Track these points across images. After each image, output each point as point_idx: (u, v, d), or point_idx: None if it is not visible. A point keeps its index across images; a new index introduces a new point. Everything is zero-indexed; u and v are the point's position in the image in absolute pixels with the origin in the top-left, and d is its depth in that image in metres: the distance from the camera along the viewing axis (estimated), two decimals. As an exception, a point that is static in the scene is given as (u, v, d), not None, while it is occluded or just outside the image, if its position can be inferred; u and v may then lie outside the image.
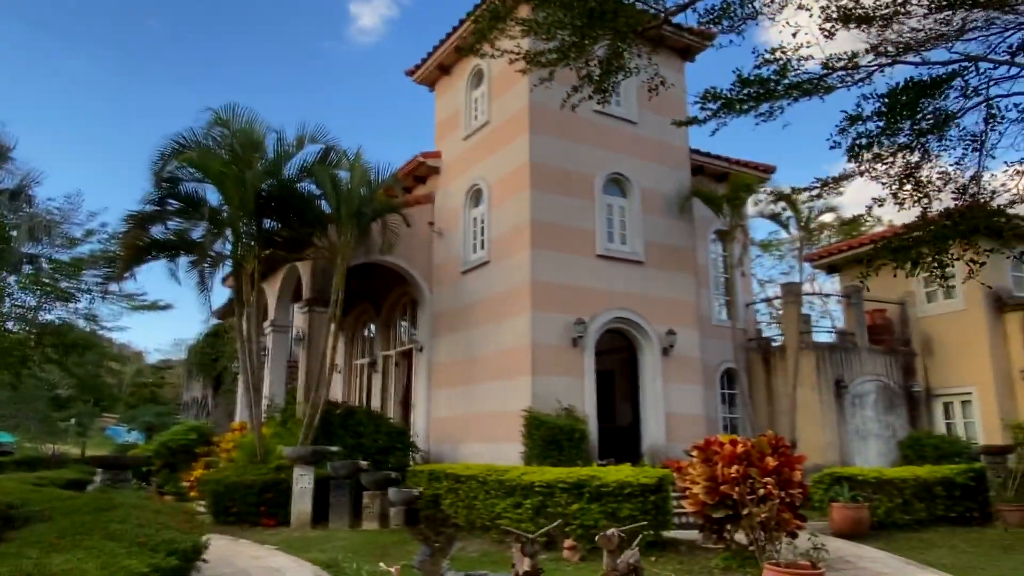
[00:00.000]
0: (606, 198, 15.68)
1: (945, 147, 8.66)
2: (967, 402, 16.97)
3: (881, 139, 8.48)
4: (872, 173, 9.41)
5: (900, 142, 8.42)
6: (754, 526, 8.25)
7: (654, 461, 14.32)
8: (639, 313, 15.36)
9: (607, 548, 5.50)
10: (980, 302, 16.84)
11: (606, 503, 9.90)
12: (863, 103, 8.30)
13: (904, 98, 7.42)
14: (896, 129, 8.08)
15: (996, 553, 10.02)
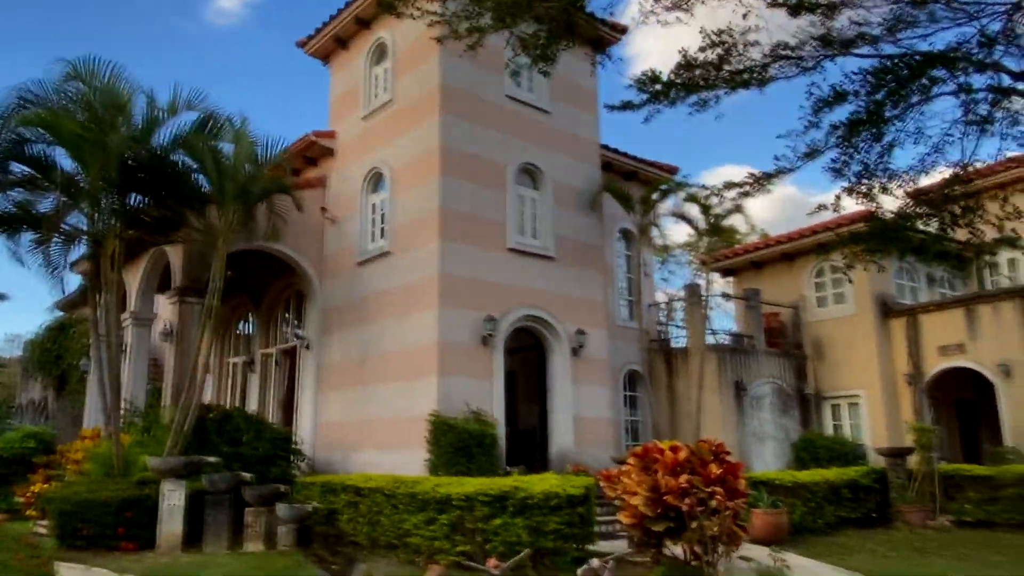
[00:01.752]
0: (518, 189, 14.84)
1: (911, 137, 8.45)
2: (854, 404, 17.52)
3: (856, 127, 8.13)
4: (836, 167, 9.06)
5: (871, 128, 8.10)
6: (702, 540, 7.61)
7: (562, 467, 13.60)
8: (550, 311, 14.62)
9: (592, 584, 4.58)
10: (868, 308, 17.44)
11: (531, 517, 8.98)
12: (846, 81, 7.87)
13: (897, 76, 7.07)
14: (877, 113, 7.76)
15: (914, 556, 10.00)
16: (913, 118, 7.99)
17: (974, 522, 12.16)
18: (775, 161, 10.48)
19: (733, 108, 62.90)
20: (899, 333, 17.02)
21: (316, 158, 17.10)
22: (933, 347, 16.35)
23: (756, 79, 9.79)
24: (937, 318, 16.40)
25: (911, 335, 16.78)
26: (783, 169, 10.41)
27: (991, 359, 15.23)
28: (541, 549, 8.94)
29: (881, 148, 8.41)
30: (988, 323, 15.45)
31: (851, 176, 8.81)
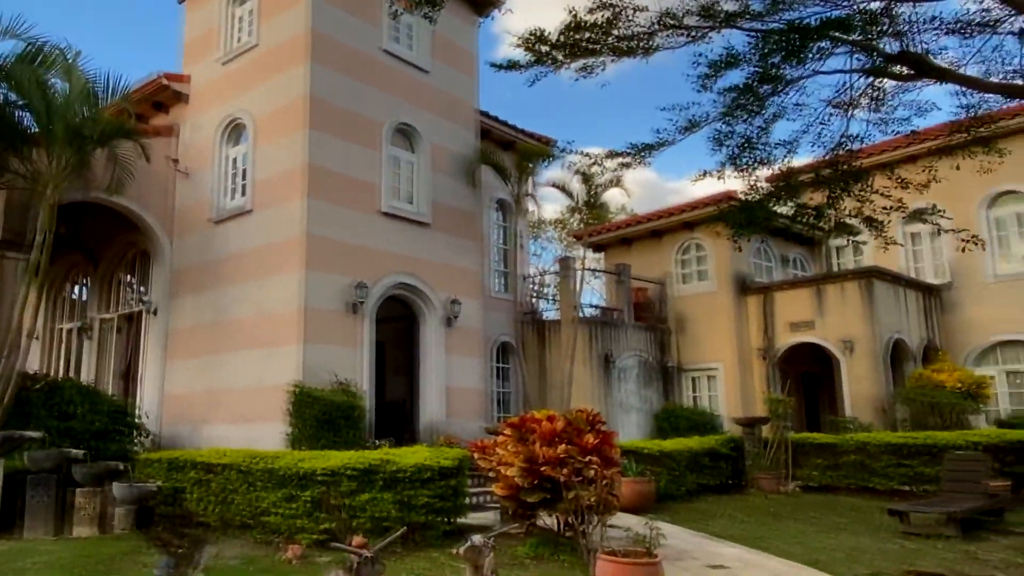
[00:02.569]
0: (393, 150, 14.10)
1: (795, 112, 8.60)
2: (712, 377, 18.31)
3: (742, 94, 8.13)
4: (718, 137, 9.07)
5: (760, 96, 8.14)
6: (576, 510, 7.47)
7: (432, 439, 13.20)
8: (423, 279, 14.08)
9: (475, 563, 4.20)
10: (727, 285, 18.21)
11: (401, 491, 8.55)
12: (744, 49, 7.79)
13: (792, 39, 7.06)
14: (765, 79, 7.76)
15: (769, 520, 10.46)
16: (792, 92, 8.18)
17: (818, 487, 13.00)
18: (656, 134, 10.51)
19: (616, 90, 64.26)
20: (755, 310, 17.91)
21: (166, 104, 15.45)
22: (785, 323, 17.33)
23: (642, 47, 9.69)
24: (789, 296, 17.38)
25: (765, 312, 17.71)
26: (664, 141, 10.43)
27: (836, 335, 16.34)
28: (411, 524, 8.53)
29: (763, 121, 8.55)
30: (834, 302, 16.54)
31: (733, 148, 8.93)
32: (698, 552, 8.35)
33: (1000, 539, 8.62)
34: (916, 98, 9.00)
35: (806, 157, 9.65)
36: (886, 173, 10.05)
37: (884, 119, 8.91)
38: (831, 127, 8.51)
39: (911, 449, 12.08)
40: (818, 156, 9.15)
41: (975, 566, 7.21)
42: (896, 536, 8.99)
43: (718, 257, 18.48)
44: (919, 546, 8.35)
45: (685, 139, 10.19)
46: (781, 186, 9.69)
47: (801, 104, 8.31)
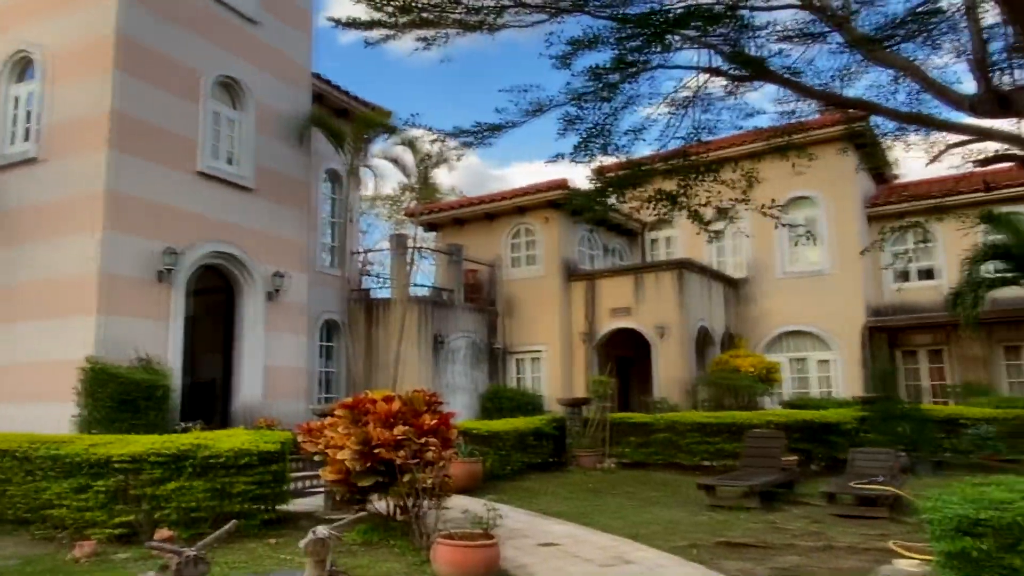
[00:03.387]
0: (215, 105, 12.85)
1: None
2: (537, 359, 18.76)
3: (598, 79, 8.12)
4: (570, 119, 9.04)
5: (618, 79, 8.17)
6: (412, 493, 7.21)
7: (248, 421, 12.30)
8: (244, 249, 13.01)
9: (318, 557, 3.78)
10: (555, 271, 18.71)
11: (215, 478, 7.82)
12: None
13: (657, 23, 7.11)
14: (624, 63, 7.79)
15: (591, 497, 10.85)
16: (642, 82, 8.40)
17: (633, 463, 13.71)
18: (497, 114, 10.40)
19: (459, 69, 63.69)
20: (579, 295, 18.56)
21: (-71, 25, 12.97)
22: (606, 309, 18.13)
23: (489, 24, 9.52)
24: (611, 284, 18.19)
25: (589, 298, 18.41)
26: (509, 123, 10.36)
27: (651, 322, 17.34)
28: (225, 514, 7.83)
29: (611, 108, 8.70)
30: (651, 291, 17.54)
31: (582, 132, 9.02)
32: (529, 530, 8.42)
33: (794, 509, 9.54)
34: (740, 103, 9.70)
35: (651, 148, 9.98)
36: (712, 170, 10.67)
37: (713, 120, 9.43)
38: (676, 121, 8.86)
39: (715, 427, 13.08)
40: (657, 148, 9.52)
41: (776, 535, 7.87)
42: (705, 509, 9.65)
43: (548, 243, 18.92)
44: (726, 517, 9.01)
45: (529, 121, 10.21)
46: (626, 174, 9.97)
47: (647, 95, 8.58)
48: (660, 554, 7.14)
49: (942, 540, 4.50)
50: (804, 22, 8.15)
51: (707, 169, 9.87)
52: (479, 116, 57.27)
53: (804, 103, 8.85)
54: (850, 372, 18.63)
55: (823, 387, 19.04)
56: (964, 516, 4.46)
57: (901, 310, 19.33)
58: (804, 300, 19.16)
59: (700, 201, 10.04)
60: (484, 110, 73.87)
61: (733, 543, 7.46)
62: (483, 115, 59.25)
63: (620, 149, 9.20)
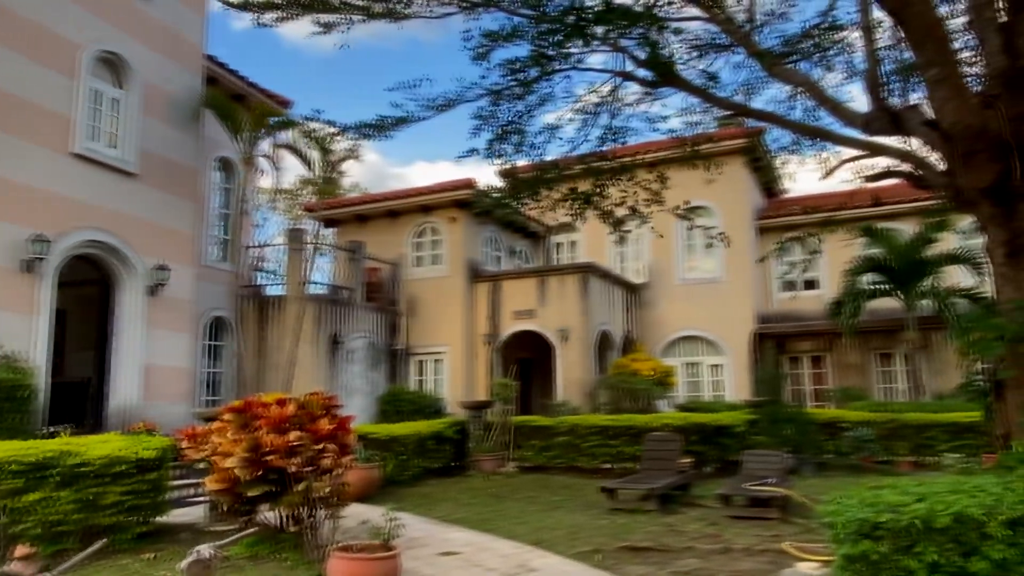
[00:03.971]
0: (94, 82, 11.84)
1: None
2: (439, 360, 18.45)
3: (515, 74, 7.90)
4: (483, 115, 8.79)
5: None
6: (306, 502, 6.79)
7: (124, 425, 11.40)
8: (125, 238, 12.04)
9: (200, 580, 3.38)
10: (460, 271, 18.48)
11: (84, 488, 7.13)
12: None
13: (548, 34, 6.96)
14: (542, 57, 7.59)
15: (492, 502, 10.66)
16: (557, 81, 8.31)
17: (534, 467, 13.65)
18: (393, 107, 10.09)
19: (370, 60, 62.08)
20: (483, 297, 18.40)
21: None
22: (509, 311, 18.05)
23: (393, 11, 9.21)
24: (516, 286, 18.14)
25: (493, 299, 18.28)
26: (412, 117, 10.05)
27: (554, 325, 17.41)
28: (95, 527, 7.17)
29: (525, 107, 8.57)
30: (554, 293, 17.61)
31: (496, 129, 8.82)
32: (428, 539, 8.14)
33: (690, 511, 9.69)
34: (648, 111, 9.82)
35: (562, 150, 9.91)
36: (626, 171, 10.75)
37: (623, 126, 9.49)
38: (589, 124, 8.83)
39: (615, 431, 13.21)
40: (568, 151, 9.48)
41: (676, 538, 7.95)
42: (606, 512, 9.66)
43: (453, 243, 18.67)
44: (627, 521, 9.05)
45: (434, 117, 9.92)
46: (540, 175, 9.86)
47: (561, 96, 8.51)
48: (564, 560, 7.04)
49: (844, 543, 4.58)
50: (712, 33, 8.32)
51: (620, 171, 9.93)
52: (378, 111, 56.23)
53: (708, 114, 9.05)
54: (739, 376, 19.38)
55: (714, 391, 19.73)
56: (864, 520, 4.55)
57: (786, 318, 20.31)
58: (699, 306, 19.80)
59: (615, 201, 10.09)
60: (382, 106, 72.55)
61: (635, 547, 7.46)
62: (381, 110, 58.25)
63: (535, 148, 9.10)
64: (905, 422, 13.84)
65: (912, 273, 16.83)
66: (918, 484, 5.26)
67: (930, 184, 7.28)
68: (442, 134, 74.82)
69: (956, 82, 5.88)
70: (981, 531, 4.56)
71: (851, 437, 13.70)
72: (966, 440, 13.17)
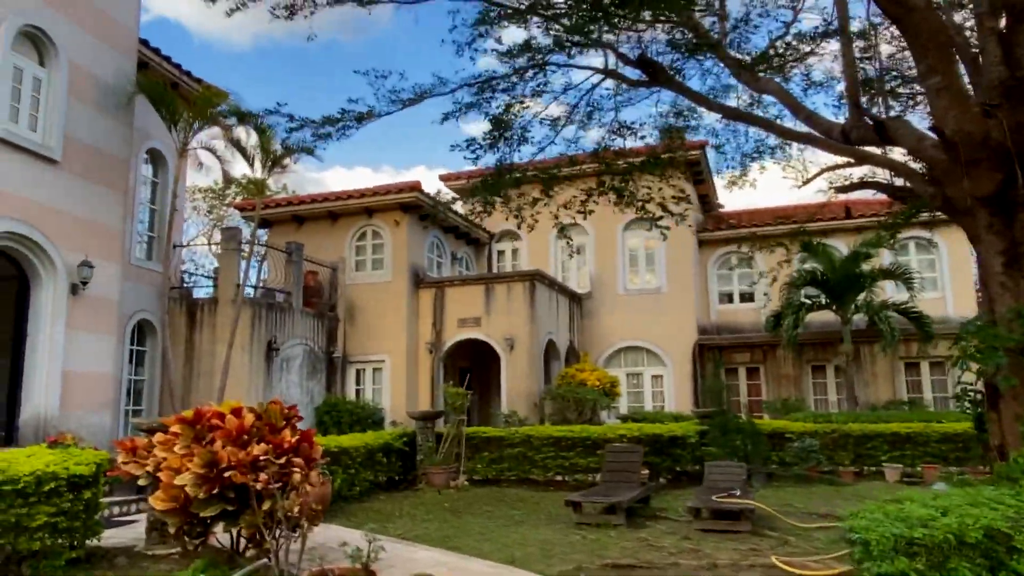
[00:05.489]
0: (15, 58, 10.73)
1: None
2: (379, 369, 17.74)
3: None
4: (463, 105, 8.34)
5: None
6: (272, 522, 6.13)
7: (39, 437, 10.31)
8: (43, 231, 10.94)
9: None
10: (403, 276, 17.86)
11: (8, 508, 6.28)
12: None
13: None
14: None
15: (449, 517, 10.15)
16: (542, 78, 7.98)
17: (485, 480, 13.18)
18: (350, 102, 9.58)
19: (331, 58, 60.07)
20: (427, 304, 17.84)
21: None
22: (454, 319, 17.56)
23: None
24: (461, 292, 17.67)
25: (437, 306, 17.75)
26: (376, 112, 9.54)
27: (500, 333, 17.01)
28: (20, 553, 6.33)
29: (510, 99, 8.19)
30: (501, 301, 17.23)
31: (484, 113, 8.40)
32: (392, 559, 7.54)
33: (658, 524, 9.46)
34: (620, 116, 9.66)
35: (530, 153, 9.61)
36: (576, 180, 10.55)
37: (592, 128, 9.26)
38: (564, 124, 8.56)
39: (569, 442, 12.91)
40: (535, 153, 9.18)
41: (655, 553, 7.67)
42: (573, 527, 9.31)
43: (396, 247, 18.04)
44: (597, 536, 8.71)
45: (398, 111, 9.45)
46: (509, 177, 9.50)
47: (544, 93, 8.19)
48: (548, 581, 6.65)
49: (878, 560, 4.38)
50: (688, 38, 8.18)
51: (574, 177, 9.73)
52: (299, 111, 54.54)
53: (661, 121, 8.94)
54: (681, 387, 19.50)
55: (656, 401, 19.79)
56: (899, 535, 4.37)
57: (724, 329, 20.62)
58: (641, 317, 19.84)
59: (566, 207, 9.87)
60: (302, 105, 70.80)
61: (618, 564, 7.14)
62: (302, 110, 56.58)
63: (521, 143, 8.74)
64: (847, 432, 14.12)
65: (848, 287, 17.35)
66: (934, 497, 5.15)
67: (912, 194, 7.32)
68: (361, 140, 73.48)
69: (958, 91, 5.88)
70: (1008, 544, 4.46)
71: (797, 447, 13.86)
72: (906, 450, 13.56)
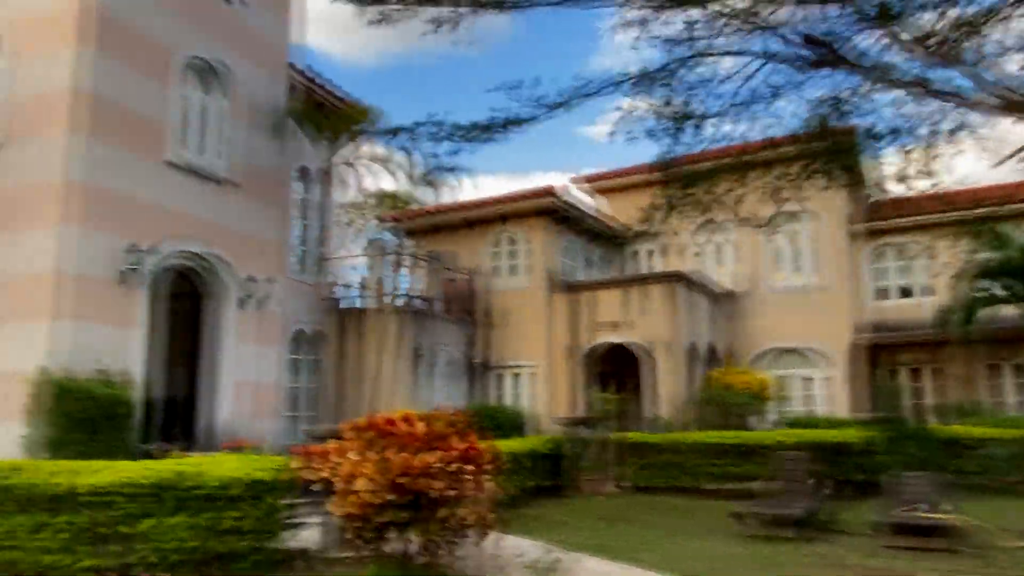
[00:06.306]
0: (186, 89, 11.59)
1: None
2: (518, 375, 17.78)
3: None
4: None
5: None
6: (448, 530, 6.17)
7: (215, 444, 11.02)
8: (218, 250, 11.73)
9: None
10: (541, 282, 17.81)
11: (198, 512, 6.63)
12: None
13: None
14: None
15: (604, 525, 9.95)
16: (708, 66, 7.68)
17: (635, 487, 12.85)
18: (492, 111, 9.62)
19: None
20: (565, 308, 17.68)
21: None
22: (594, 323, 17.29)
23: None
24: (601, 296, 17.38)
25: (575, 311, 17.55)
26: (521, 118, 9.53)
27: (643, 336, 16.59)
28: (212, 555, 6.68)
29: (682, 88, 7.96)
30: (643, 304, 16.80)
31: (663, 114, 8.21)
32: (570, 569, 7.42)
33: (832, 539, 8.79)
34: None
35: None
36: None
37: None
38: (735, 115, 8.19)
39: (722, 448, 12.36)
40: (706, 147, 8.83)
41: (838, 572, 7.10)
42: (737, 538, 8.84)
43: (533, 252, 18.04)
44: (770, 550, 8.21)
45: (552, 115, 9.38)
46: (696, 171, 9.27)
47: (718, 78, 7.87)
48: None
49: None
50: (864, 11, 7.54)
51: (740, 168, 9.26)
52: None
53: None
54: (835, 390, 18.25)
55: (807, 405, 18.61)
56: None
57: (884, 327, 19.10)
58: (790, 316, 18.75)
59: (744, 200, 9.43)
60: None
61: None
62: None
63: (702, 134, 8.49)
64: (1041, 439, 12.64)
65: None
66: None
67: None
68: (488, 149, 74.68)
69: None
70: None
71: (981, 455, 12.56)
72: (1116, 459, 11.95)
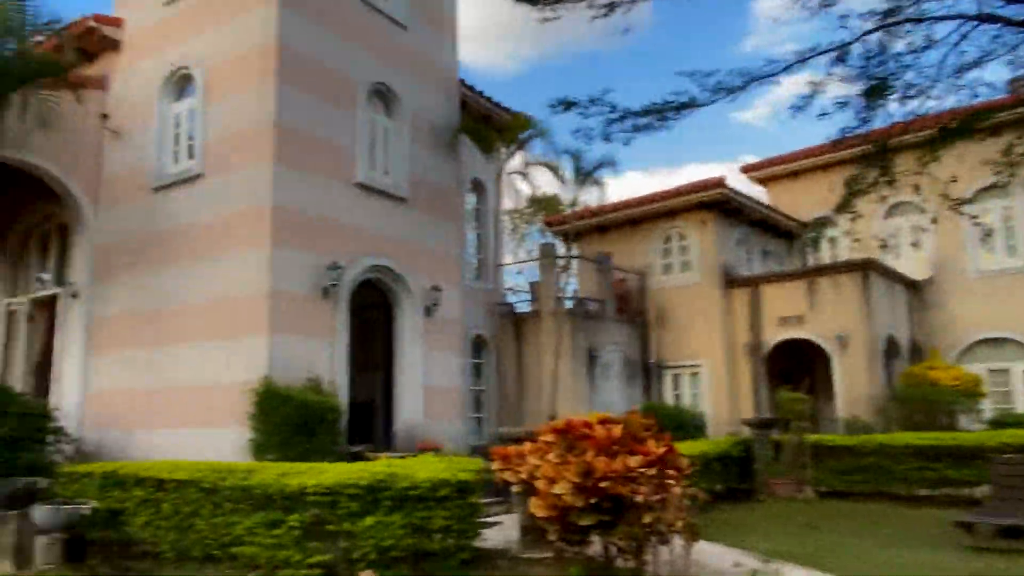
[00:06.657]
0: (369, 114, 12.35)
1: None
2: (695, 374, 17.30)
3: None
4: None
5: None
6: (651, 534, 6.08)
7: (409, 444, 11.61)
8: (401, 262, 12.39)
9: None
10: (712, 277, 17.25)
11: (412, 512, 6.98)
12: None
13: None
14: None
15: (807, 533, 9.38)
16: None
17: (830, 492, 12.05)
18: (674, 95, 9.35)
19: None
20: (741, 303, 16.99)
21: (93, 52, 13.16)
22: (773, 318, 16.48)
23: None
24: (778, 290, 16.54)
25: (752, 306, 16.82)
26: (696, 102, 9.26)
27: (829, 331, 15.57)
28: (423, 552, 7.01)
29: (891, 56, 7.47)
30: (827, 296, 15.78)
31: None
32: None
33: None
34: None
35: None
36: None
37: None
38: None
39: (937, 451, 11.28)
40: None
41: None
42: (963, 550, 8.01)
43: (702, 247, 17.50)
44: (1007, 564, 7.37)
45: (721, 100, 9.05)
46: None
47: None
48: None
49: None
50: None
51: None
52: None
53: None
54: (1065, 384, 16.13)
55: (1027, 402, 16.58)
56: None
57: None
58: (1003, 302, 16.80)
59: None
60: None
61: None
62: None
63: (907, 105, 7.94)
64: None
65: None
66: None
67: None
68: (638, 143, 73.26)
69: None
70: None
71: None
72: None
